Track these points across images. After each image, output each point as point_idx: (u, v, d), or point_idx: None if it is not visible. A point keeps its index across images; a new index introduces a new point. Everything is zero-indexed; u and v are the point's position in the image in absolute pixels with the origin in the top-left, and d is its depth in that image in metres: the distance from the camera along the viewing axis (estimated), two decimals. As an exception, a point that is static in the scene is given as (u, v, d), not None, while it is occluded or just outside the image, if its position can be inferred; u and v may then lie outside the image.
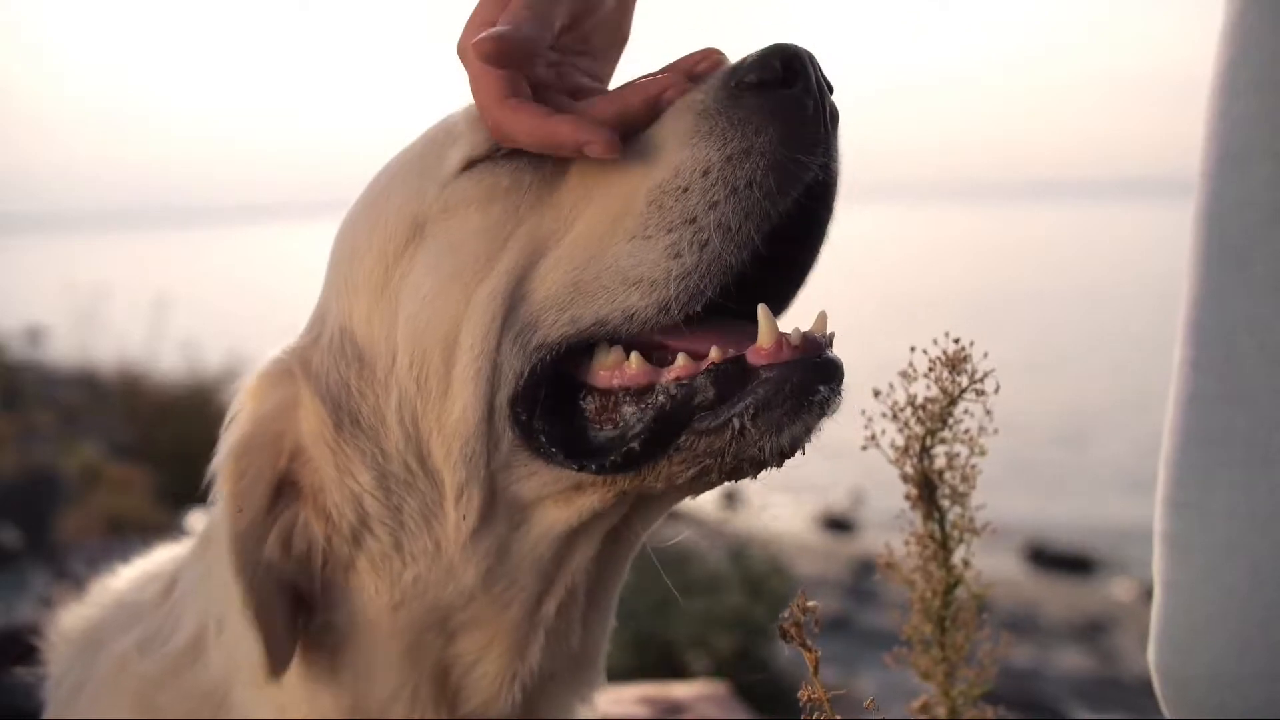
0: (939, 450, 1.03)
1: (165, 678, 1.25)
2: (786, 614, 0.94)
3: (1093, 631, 9.11)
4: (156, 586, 1.35)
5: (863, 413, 1.01)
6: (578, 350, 1.08)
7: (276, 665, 1.15)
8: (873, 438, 1.02)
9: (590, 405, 1.08)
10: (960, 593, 1.06)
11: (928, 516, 1.04)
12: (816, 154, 1.03)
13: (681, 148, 1.05)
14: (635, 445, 1.03)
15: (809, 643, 0.93)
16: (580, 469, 1.06)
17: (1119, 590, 11.05)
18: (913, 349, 1.00)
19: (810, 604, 0.94)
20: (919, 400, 1.01)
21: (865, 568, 10.53)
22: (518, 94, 1.06)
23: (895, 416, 1.01)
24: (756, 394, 0.99)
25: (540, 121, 1.05)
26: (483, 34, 1.05)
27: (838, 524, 13.16)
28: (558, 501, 1.11)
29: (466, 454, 1.10)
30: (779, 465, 1.02)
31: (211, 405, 8.11)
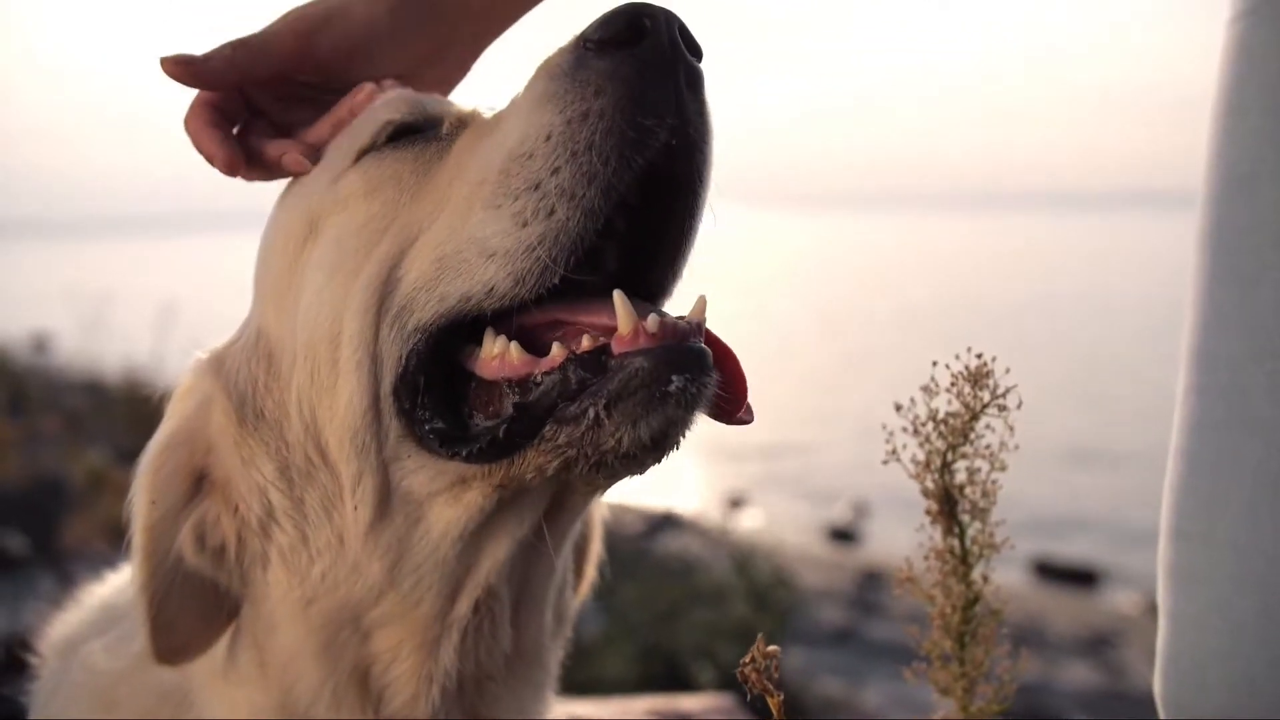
0: (959, 465, 1.02)
1: (126, 676, 1.27)
2: (747, 659, 0.93)
3: (1099, 645, 9.08)
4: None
5: (883, 427, 1.01)
6: (461, 337, 1.07)
7: (164, 653, 1.18)
8: (893, 452, 1.02)
9: (476, 396, 1.07)
10: (979, 608, 1.05)
11: (948, 532, 1.04)
12: (665, 116, 0.99)
13: (530, 113, 1.04)
14: (500, 433, 1.01)
15: (770, 688, 0.92)
16: (451, 456, 1.05)
17: (1124, 603, 11.01)
18: (934, 363, 0.99)
19: (770, 648, 0.93)
20: (940, 415, 1.00)
21: (870, 579, 10.50)
22: (205, 115, 1.25)
23: (916, 431, 1.01)
24: (610, 383, 0.95)
25: (196, 137, 1.24)
26: (174, 55, 1.23)
27: (842, 535, 13.12)
28: (448, 500, 1.09)
29: (357, 445, 1.09)
30: (652, 461, 0.99)
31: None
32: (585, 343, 0.98)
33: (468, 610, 1.14)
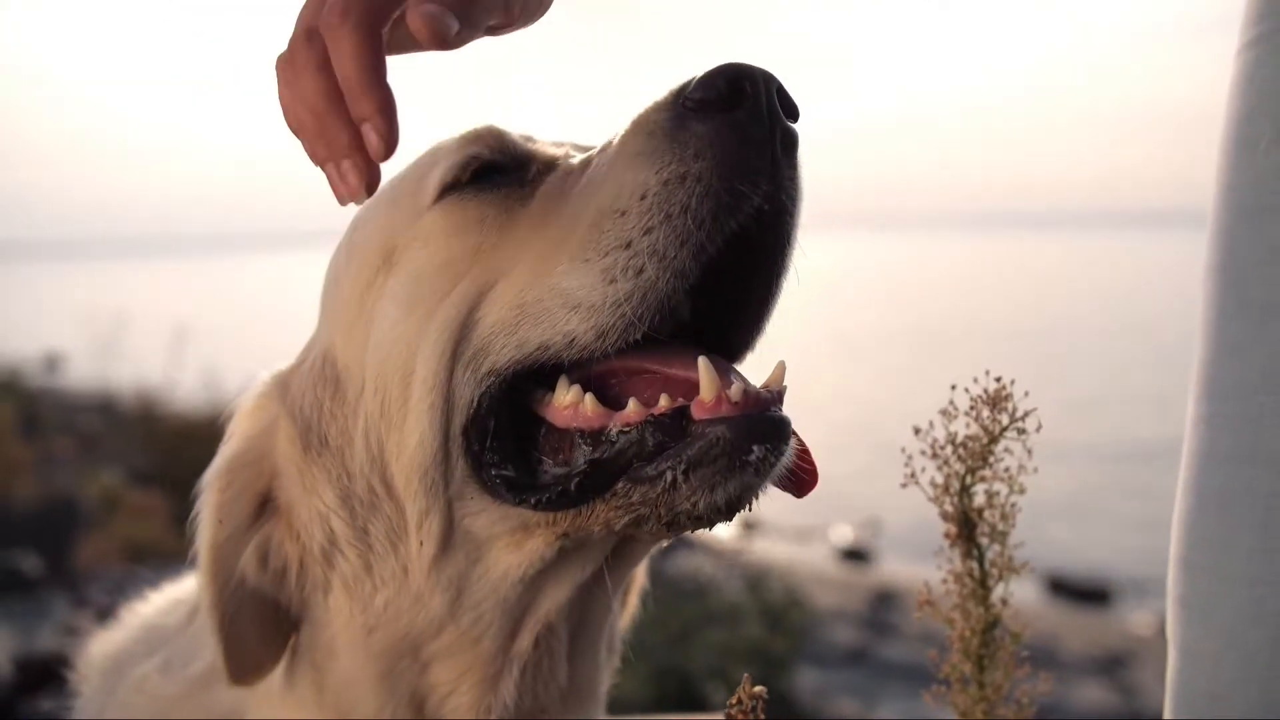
0: (978, 488, 1.02)
1: (183, 700, 1.27)
2: (734, 700, 0.93)
3: (1112, 665, 9.02)
4: (182, 611, 1.37)
5: (902, 450, 1.01)
6: (533, 381, 1.06)
7: (237, 672, 1.19)
8: (912, 475, 1.02)
9: (546, 442, 1.07)
10: (998, 631, 1.05)
11: (966, 555, 1.04)
12: (760, 183, 0.99)
13: (625, 169, 1.03)
14: (572, 485, 1.01)
15: None
16: (519, 503, 1.05)
17: (1138, 622, 10.94)
18: (953, 387, 1.00)
19: (757, 689, 0.93)
20: (959, 438, 1.01)
21: (883, 599, 10.46)
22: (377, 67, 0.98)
23: (935, 454, 1.01)
24: (691, 449, 0.96)
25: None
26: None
27: (855, 555, 13.08)
28: (508, 545, 1.09)
29: (426, 483, 1.09)
30: (722, 521, 0.99)
31: (230, 433, 8.13)
32: (664, 403, 0.99)
33: (528, 647, 1.15)
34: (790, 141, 1.02)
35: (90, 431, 12.63)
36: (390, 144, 0.99)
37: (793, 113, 1.02)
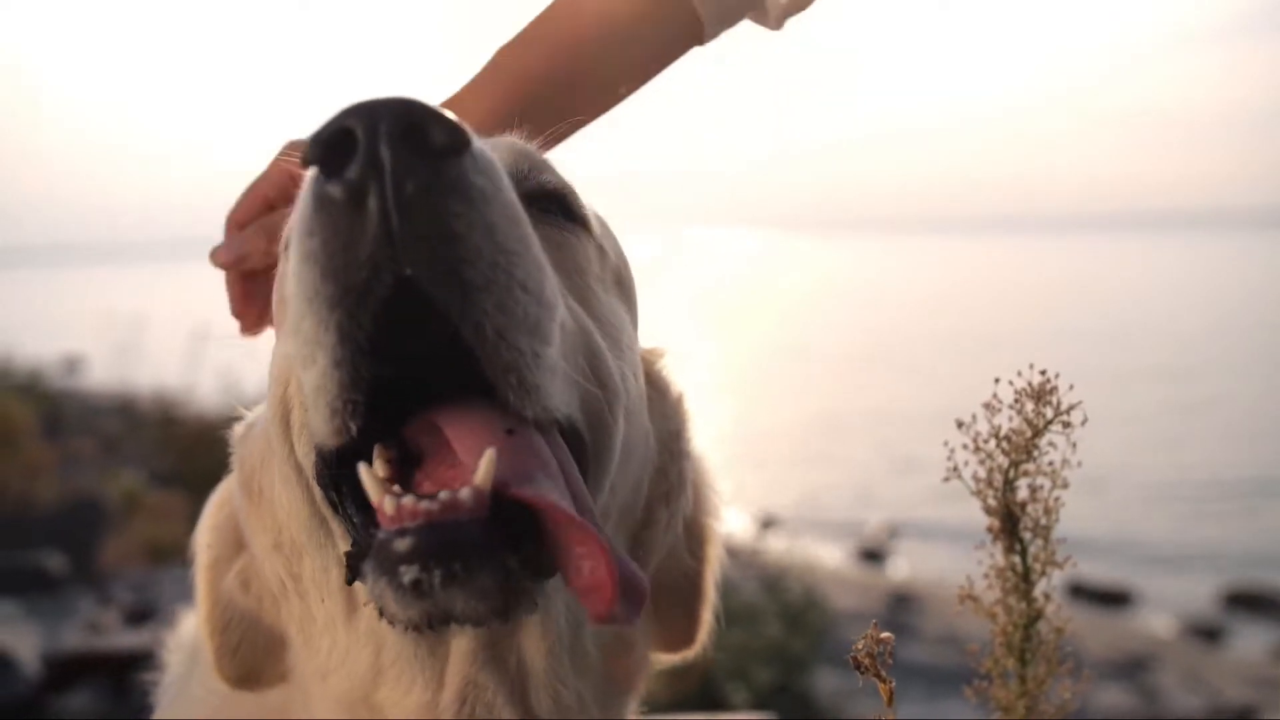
0: (1021, 483, 1.02)
1: (238, 696, 1.28)
2: (860, 644, 0.93)
3: (1133, 668, 8.96)
4: None
5: (945, 444, 1.01)
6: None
7: (230, 677, 1.24)
8: (955, 469, 1.02)
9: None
10: (1041, 625, 1.05)
11: (1009, 549, 1.04)
12: (362, 269, 0.82)
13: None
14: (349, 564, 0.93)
15: (883, 674, 0.93)
16: (351, 579, 0.93)
17: (1158, 626, 10.87)
18: (997, 380, 0.99)
19: (884, 635, 0.93)
20: (1002, 432, 1.01)
21: (901, 601, 10.43)
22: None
23: (978, 448, 1.01)
24: (375, 561, 0.83)
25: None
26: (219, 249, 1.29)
27: (872, 555, 13.05)
28: None
29: (314, 543, 1.08)
30: (476, 622, 0.85)
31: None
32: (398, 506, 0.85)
33: (453, 700, 1.09)
34: (406, 206, 0.81)
35: (110, 433, 12.71)
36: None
37: (423, 147, 0.82)
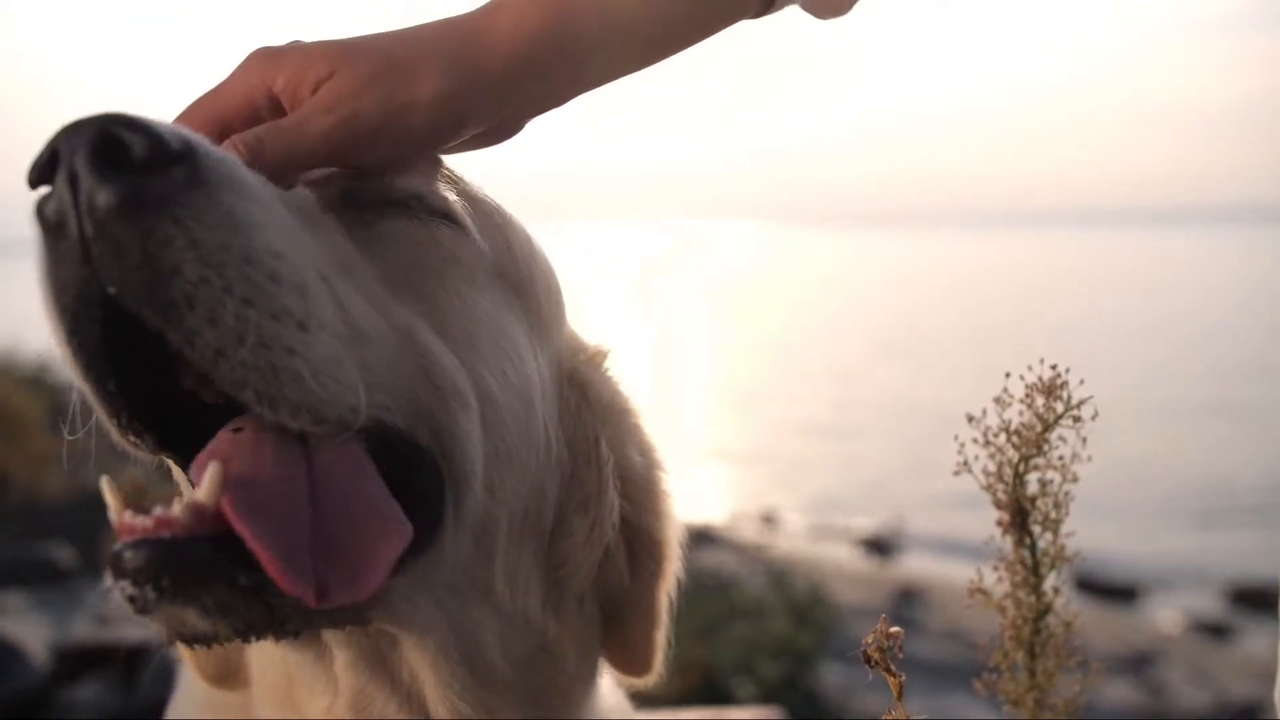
0: (1031, 476, 1.02)
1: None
2: (871, 638, 0.93)
3: (1139, 663, 8.96)
4: None
5: (955, 437, 1.01)
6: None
7: (204, 675, 1.23)
8: (965, 463, 1.02)
9: None
10: (1050, 619, 1.05)
11: (1019, 543, 1.04)
12: (70, 289, 0.83)
13: None
14: None
15: (893, 668, 0.93)
16: None
17: (1165, 621, 10.87)
18: (1007, 375, 1.00)
19: (894, 629, 0.93)
20: (1013, 426, 1.01)
21: (906, 596, 10.43)
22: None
23: (988, 443, 1.01)
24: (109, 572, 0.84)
25: None
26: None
27: (878, 549, 13.05)
28: None
29: None
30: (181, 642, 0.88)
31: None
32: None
33: (347, 707, 1.09)
34: (106, 226, 0.80)
35: (118, 425, 12.72)
36: None
37: (122, 163, 0.81)
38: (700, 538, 11.01)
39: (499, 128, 1.14)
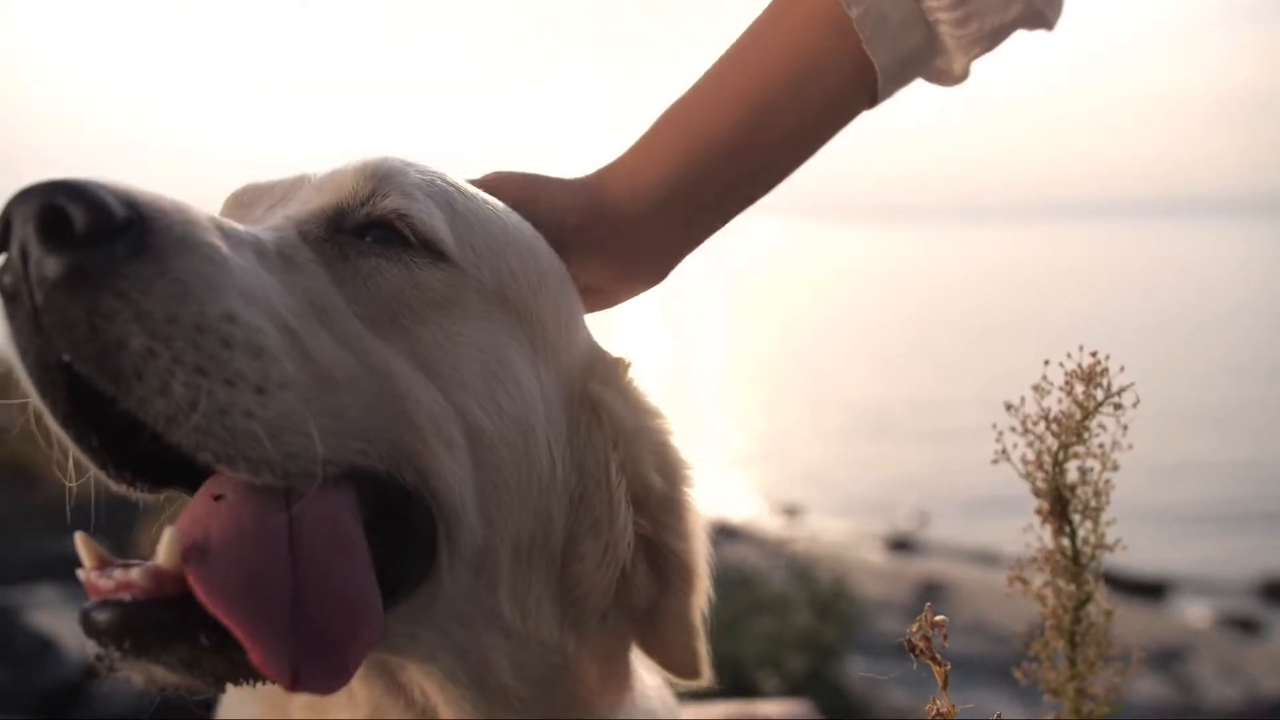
0: (1070, 465, 1.02)
1: None
2: (915, 627, 0.93)
3: (1167, 658, 8.89)
4: None
5: (993, 426, 1.01)
6: None
7: None
8: (1003, 452, 1.02)
9: None
10: (1091, 608, 1.05)
11: (1058, 532, 1.04)
12: (29, 354, 0.85)
13: None
14: None
15: (938, 657, 0.93)
16: None
17: (1193, 616, 10.78)
18: (1046, 362, 0.99)
19: (938, 618, 0.93)
20: (1052, 414, 1.00)
21: (930, 590, 10.38)
22: None
23: (1027, 430, 1.01)
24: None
25: None
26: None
27: (902, 545, 13.01)
28: None
29: None
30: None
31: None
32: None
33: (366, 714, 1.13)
34: (55, 293, 0.81)
35: (145, 422, 12.84)
36: None
37: (67, 235, 0.81)
38: (723, 533, 11.01)
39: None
